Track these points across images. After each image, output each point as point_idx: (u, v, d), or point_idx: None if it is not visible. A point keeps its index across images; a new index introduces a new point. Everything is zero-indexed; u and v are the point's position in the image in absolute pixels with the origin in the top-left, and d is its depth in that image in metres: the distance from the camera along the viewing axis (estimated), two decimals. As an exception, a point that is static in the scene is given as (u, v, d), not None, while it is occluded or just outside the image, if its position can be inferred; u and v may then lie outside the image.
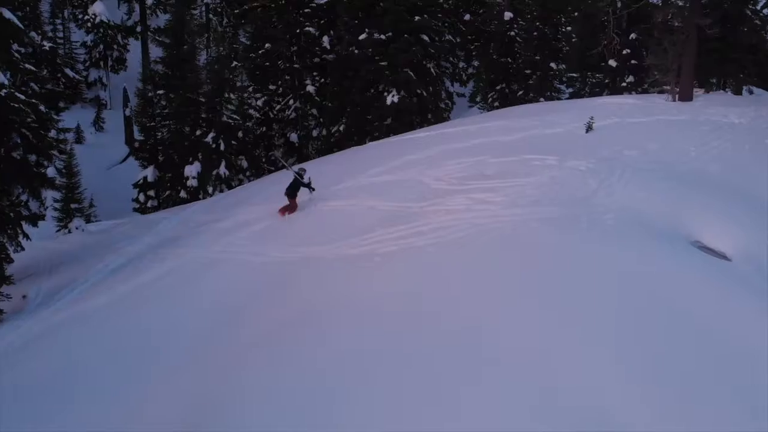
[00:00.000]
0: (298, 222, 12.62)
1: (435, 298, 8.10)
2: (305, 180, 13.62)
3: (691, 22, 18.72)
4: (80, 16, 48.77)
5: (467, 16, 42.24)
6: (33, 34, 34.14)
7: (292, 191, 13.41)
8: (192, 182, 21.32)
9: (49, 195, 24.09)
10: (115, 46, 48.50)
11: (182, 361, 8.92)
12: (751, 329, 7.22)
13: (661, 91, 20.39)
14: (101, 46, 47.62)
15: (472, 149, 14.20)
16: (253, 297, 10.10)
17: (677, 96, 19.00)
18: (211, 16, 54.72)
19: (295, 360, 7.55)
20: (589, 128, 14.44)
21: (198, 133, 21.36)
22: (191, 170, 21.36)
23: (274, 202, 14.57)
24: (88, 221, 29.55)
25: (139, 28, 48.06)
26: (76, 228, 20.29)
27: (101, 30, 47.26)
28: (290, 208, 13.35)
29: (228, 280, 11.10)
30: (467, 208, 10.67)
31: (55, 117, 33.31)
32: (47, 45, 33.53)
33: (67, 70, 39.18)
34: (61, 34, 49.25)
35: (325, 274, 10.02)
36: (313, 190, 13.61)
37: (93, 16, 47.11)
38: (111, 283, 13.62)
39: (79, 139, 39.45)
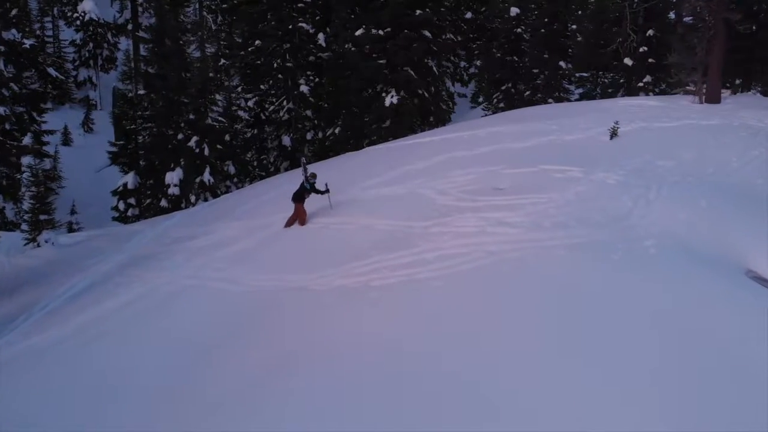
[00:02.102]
0: (282, 242, 10.95)
1: (442, 350, 6.50)
2: (319, 187, 11.71)
3: (720, 17, 17.08)
4: (69, 14, 47.20)
5: (469, 14, 40.63)
6: (13, 31, 32.49)
7: (298, 196, 11.51)
8: (173, 190, 19.60)
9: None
10: (105, 45, 46.91)
11: (135, 424, 7.28)
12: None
13: (685, 92, 18.73)
14: (91, 45, 46.13)
15: (482, 158, 12.54)
16: (223, 338, 8.47)
17: (703, 97, 17.35)
18: (205, 13, 53.14)
19: (264, 423, 6.12)
20: (613, 134, 12.79)
21: (180, 136, 19.64)
22: (173, 177, 19.63)
23: (257, 217, 12.91)
24: (70, 229, 27.90)
25: (130, 26, 46.52)
26: (46, 241, 18.53)
27: (91, 28, 45.78)
28: (297, 216, 11.55)
29: (197, 313, 9.45)
30: (480, 231, 9.01)
31: (38, 119, 31.71)
32: (28, 43, 31.74)
33: (51, 70, 37.40)
34: (50, 33, 47.68)
35: (309, 311, 8.38)
36: (324, 193, 11.70)
37: (82, 14, 45.58)
38: (70, 312, 11.96)
39: (66, 141, 37.88)
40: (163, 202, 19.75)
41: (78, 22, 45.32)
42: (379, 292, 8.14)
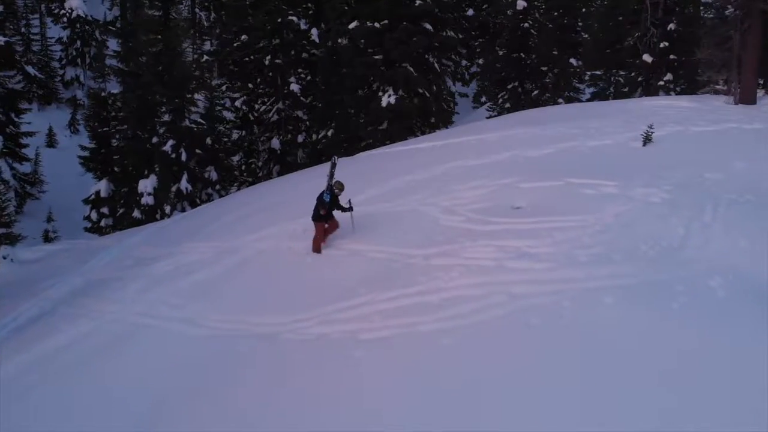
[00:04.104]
0: (252, 272, 9.06)
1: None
2: (344, 202, 9.14)
3: (756, 8, 15.21)
4: (56, 11, 45.46)
5: (470, 11, 38.78)
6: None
7: (318, 214, 9.00)
8: (147, 199, 17.69)
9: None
10: (93, 43, 45.13)
11: None
12: None
13: (714, 92, 16.87)
14: (78, 43, 44.45)
15: (494, 168, 10.66)
16: (169, 405, 6.62)
17: (737, 97, 15.48)
18: (197, 10, 51.53)
19: None
20: (647, 139, 10.92)
21: (155, 140, 17.72)
22: (146, 185, 17.72)
23: (228, 237, 10.98)
24: (46, 238, 26.03)
25: (118, 24, 44.80)
26: (4, 257, 16.62)
27: (78, 25, 44.12)
28: (325, 232, 9.07)
29: (142, 367, 7.58)
30: (497, 265, 7.13)
31: (16, 120, 29.69)
32: (2, 40, 29.85)
33: (30, 68, 35.51)
34: (36, 30, 45.93)
35: (278, 370, 6.53)
36: (347, 210, 9.18)
37: (69, 11, 43.92)
38: (9, 350, 10.06)
39: (51, 143, 36.11)
40: (136, 213, 17.82)
41: (65, 20, 43.69)
42: (368, 349, 6.27)
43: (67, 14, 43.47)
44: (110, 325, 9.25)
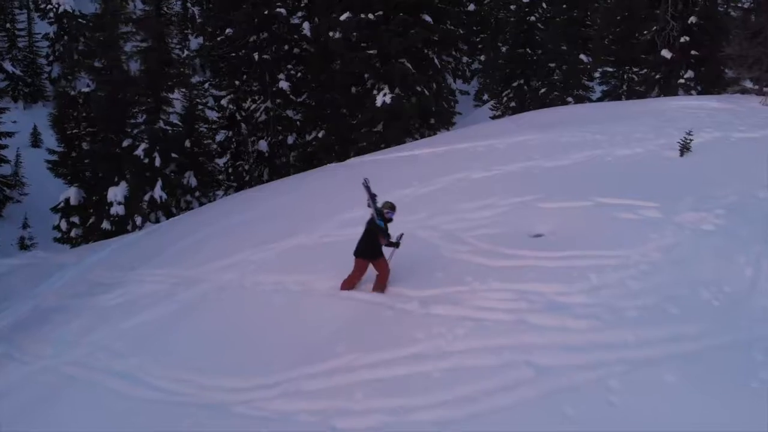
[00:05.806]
0: (208, 314, 7.38)
1: None
2: (392, 235, 6.94)
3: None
4: (42, 6, 44.09)
5: (471, 6, 37.16)
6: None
7: (367, 247, 6.84)
8: (117, 209, 16.05)
9: None
10: (81, 39, 43.59)
11: None
12: None
13: (742, 91, 15.18)
14: (65, 39, 42.99)
15: (505, 181, 9.00)
16: None
17: (773, 98, 13.80)
18: (189, 5, 49.99)
19: None
20: (685, 148, 9.25)
21: (126, 143, 16.07)
22: (116, 193, 16.09)
23: (187, 263, 9.28)
24: (22, 246, 24.46)
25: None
26: (-39, 278, 14.97)
27: (65, 21, 42.67)
28: (355, 276, 6.93)
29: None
30: (518, 321, 5.47)
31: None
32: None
33: (8, 65, 33.94)
34: (23, 26, 44.49)
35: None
36: (397, 246, 6.97)
37: (56, 6, 42.45)
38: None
39: (35, 143, 34.61)
40: (106, 224, 16.17)
41: (51, 15, 42.26)
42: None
43: (54, 9, 42.03)
44: (41, 375, 7.62)
